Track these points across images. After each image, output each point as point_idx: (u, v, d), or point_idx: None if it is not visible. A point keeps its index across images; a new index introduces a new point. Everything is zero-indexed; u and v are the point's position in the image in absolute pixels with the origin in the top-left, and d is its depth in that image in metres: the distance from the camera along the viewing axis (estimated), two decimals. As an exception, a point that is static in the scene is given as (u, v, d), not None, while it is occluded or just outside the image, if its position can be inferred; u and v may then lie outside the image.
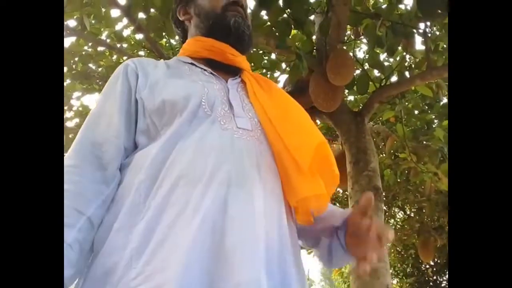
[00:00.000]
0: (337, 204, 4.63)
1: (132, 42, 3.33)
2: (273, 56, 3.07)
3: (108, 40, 3.08)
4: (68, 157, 0.66)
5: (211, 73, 0.79)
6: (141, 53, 3.38)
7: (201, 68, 0.79)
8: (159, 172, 0.62)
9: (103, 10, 2.80)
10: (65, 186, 0.60)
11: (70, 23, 2.86)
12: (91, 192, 0.63)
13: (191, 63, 0.80)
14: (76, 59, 3.13)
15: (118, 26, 2.98)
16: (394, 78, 2.79)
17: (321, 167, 0.70)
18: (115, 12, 2.82)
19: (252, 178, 0.63)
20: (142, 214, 0.59)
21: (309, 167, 0.66)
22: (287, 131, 0.69)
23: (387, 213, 5.15)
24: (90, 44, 3.09)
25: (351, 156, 2.18)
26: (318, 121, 3.16)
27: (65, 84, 3.22)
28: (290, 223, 0.67)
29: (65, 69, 3.13)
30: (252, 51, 3.13)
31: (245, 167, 0.63)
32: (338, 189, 4.12)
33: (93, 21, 2.87)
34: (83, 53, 3.11)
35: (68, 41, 3.45)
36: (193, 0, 0.88)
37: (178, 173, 0.61)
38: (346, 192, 2.30)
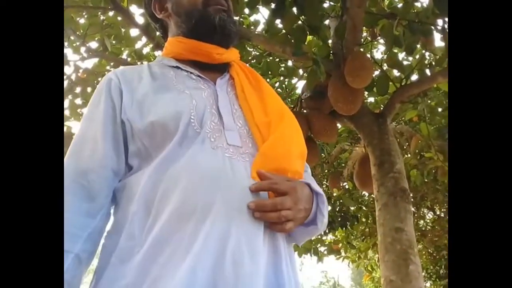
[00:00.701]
0: (364, 208, 4.55)
1: (152, 59, 3.42)
2: (289, 63, 3.08)
3: (129, 59, 3.18)
4: None
5: (198, 75, 0.75)
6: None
7: (187, 71, 0.75)
8: (152, 204, 0.60)
9: (123, 30, 2.91)
10: None
11: (92, 45, 2.98)
12: (77, 227, 0.61)
13: (177, 67, 0.76)
14: (99, 79, 3.24)
15: (138, 45, 3.09)
16: (414, 77, 2.75)
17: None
18: (134, 32, 2.92)
19: (243, 207, 0.60)
20: (137, 248, 0.59)
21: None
22: (274, 140, 0.67)
23: (416, 215, 5.01)
24: (112, 64, 3.20)
25: (375, 158, 2.15)
26: (339, 125, 3.14)
27: (90, 103, 3.34)
28: (283, 236, 0.66)
29: (89, 89, 3.25)
30: (269, 59, 3.16)
31: (237, 196, 0.60)
32: (364, 192, 4.06)
33: (113, 42, 2.98)
34: (106, 73, 3.22)
35: (91, 62, 3.57)
36: None
37: (171, 208, 0.59)
38: (372, 195, 2.26)
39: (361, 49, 2.43)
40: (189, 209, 0.58)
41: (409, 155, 3.69)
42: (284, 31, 2.32)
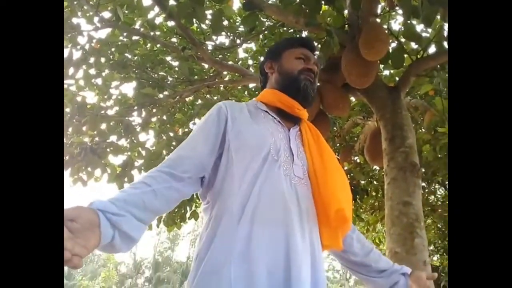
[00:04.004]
0: (374, 182, 4.57)
1: (165, 30, 3.39)
2: (304, 34, 3.02)
3: (141, 29, 3.16)
4: (161, 165, 0.90)
5: (279, 121, 1.05)
6: (174, 39, 3.44)
7: (272, 117, 1.05)
8: (244, 207, 0.88)
9: (135, 0, 2.88)
10: (148, 180, 0.85)
11: (105, 14, 2.97)
12: (162, 180, 0.86)
13: (266, 111, 1.06)
14: (113, 49, 3.25)
15: (150, 15, 3.06)
16: (432, 50, 2.67)
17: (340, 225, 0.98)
18: (146, 1, 2.88)
19: (305, 219, 0.91)
20: (237, 233, 0.85)
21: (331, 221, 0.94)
22: (325, 186, 0.95)
23: (426, 190, 5.01)
24: (125, 34, 3.19)
25: (386, 132, 2.14)
26: (352, 98, 3.10)
27: (103, 74, 3.37)
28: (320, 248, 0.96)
29: (103, 59, 3.26)
30: (282, 30, 3.10)
31: (301, 211, 0.91)
32: (375, 166, 4.06)
33: (126, 12, 2.96)
34: (119, 43, 3.22)
35: (104, 33, 3.56)
36: (279, 59, 1.12)
37: (260, 213, 0.87)
38: (383, 170, 2.27)
39: (378, 20, 2.35)
40: (272, 216, 0.88)
41: (423, 130, 3.65)
42: (298, 1, 2.26)
